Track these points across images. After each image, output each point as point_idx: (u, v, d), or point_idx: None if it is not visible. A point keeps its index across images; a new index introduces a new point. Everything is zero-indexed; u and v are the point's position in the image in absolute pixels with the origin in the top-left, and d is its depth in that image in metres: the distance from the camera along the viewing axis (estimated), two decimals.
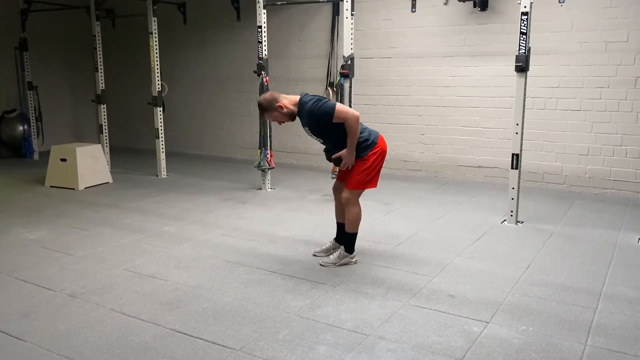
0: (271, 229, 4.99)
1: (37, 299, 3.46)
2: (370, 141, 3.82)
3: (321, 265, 4.00)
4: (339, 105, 3.67)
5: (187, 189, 6.68)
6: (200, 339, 2.94)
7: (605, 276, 3.81)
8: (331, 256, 4.05)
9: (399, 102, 7.36)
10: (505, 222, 5.19)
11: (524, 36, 4.82)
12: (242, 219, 5.31)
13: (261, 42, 6.25)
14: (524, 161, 6.57)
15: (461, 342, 2.89)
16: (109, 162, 7.69)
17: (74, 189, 6.64)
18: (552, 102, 6.41)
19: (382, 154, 3.87)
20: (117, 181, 7.11)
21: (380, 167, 3.91)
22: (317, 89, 7.97)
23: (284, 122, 3.92)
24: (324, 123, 3.70)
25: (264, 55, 6.28)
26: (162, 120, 7.38)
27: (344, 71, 5.74)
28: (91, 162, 6.86)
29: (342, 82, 5.77)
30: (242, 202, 6.04)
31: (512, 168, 5.10)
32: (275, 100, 3.79)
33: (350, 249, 4.03)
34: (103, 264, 4.09)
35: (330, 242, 4.26)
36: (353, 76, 5.80)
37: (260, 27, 6.23)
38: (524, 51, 4.84)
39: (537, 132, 6.55)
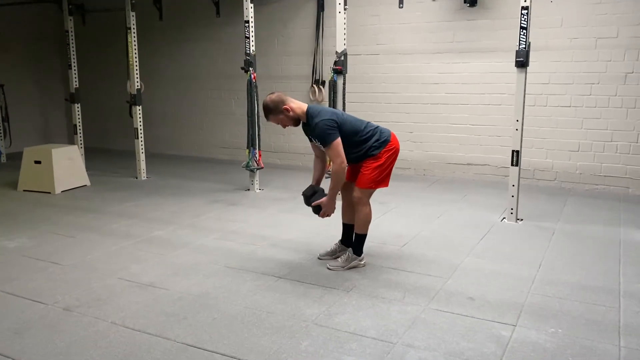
0: (269, 231, 4.78)
1: (28, 314, 3.17)
2: (382, 139, 3.67)
3: (329, 269, 3.82)
4: (336, 144, 3.50)
5: (171, 191, 6.39)
6: (217, 352, 2.72)
7: (619, 274, 3.75)
8: (339, 259, 3.87)
9: (387, 100, 7.24)
10: (505, 220, 5.11)
11: (524, 31, 4.75)
12: (235, 222, 5.08)
13: (248, 38, 6.03)
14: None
15: (493, 348, 2.76)
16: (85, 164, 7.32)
17: (50, 192, 6.27)
18: (543, 99, 6.39)
19: (396, 152, 3.72)
20: (95, 184, 6.76)
21: (393, 166, 3.75)
22: (303, 87, 7.79)
23: (287, 126, 3.72)
24: (322, 144, 3.58)
25: (251, 51, 6.05)
26: (141, 120, 7.06)
27: (337, 67, 5.57)
28: (67, 164, 6.50)
29: (335, 78, 5.61)
30: (232, 204, 5.80)
31: (512, 165, 5.02)
32: (282, 102, 3.59)
33: (359, 251, 3.86)
34: (95, 273, 3.81)
35: (335, 244, 4.08)
36: (346, 72, 5.64)
37: (247, 21, 6.00)
38: (524, 46, 4.76)
39: (527, 129, 6.46)
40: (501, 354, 2.70)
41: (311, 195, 3.76)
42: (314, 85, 7.63)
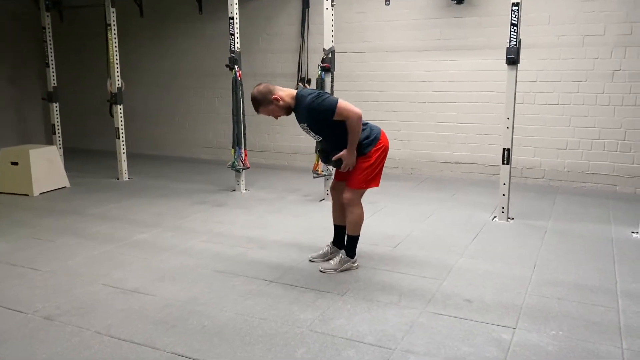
0: (257, 233, 4.65)
1: (7, 324, 3.00)
2: (372, 137, 3.56)
3: (321, 271, 3.71)
4: (341, 102, 3.38)
5: (154, 193, 6.22)
6: None
7: (614, 273, 3.70)
8: (331, 261, 3.76)
9: (373, 98, 7.15)
10: (496, 219, 5.06)
11: (515, 27, 4.69)
12: (222, 224, 4.94)
13: (233, 34, 5.89)
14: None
15: (495, 352, 2.68)
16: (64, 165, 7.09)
17: (27, 195, 6.06)
18: (530, 97, 6.36)
19: (385, 150, 3.62)
20: (75, 185, 6.56)
21: (383, 164, 3.66)
22: (288, 85, 7.57)
23: (279, 116, 3.60)
24: (324, 119, 3.41)
25: (236, 48, 5.91)
26: (122, 119, 6.86)
27: (324, 65, 5.47)
28: (46, 166, 6.28)
29: (322, 76, 5.49)
30: (218, 205, 5.66)
31: (503, 163, 4.96)
32: (270, 92, 3.47)
33: (351, 253, 3.76)
34: (77, 279, 3.64)
35: (327, 246, 3.98)
36: (334, 70, 5.53)
37: (232, 18, 5.86)
38: (515, 43, 4.71)
39: (515, 127, 6.40)
40: (503, 358, 2.62)
41: (329, 151, 3.62)
42: (300, 83, 7.50)
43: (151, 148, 8.95)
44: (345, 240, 3.87)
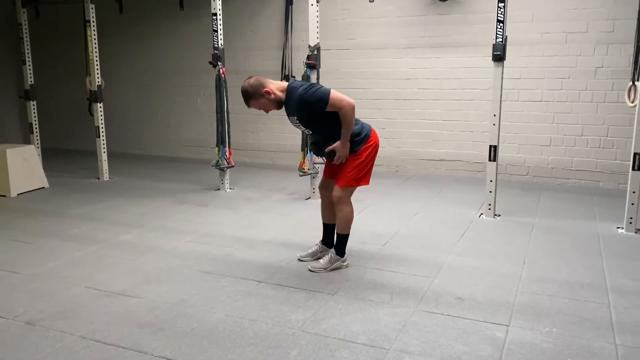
0: (244, 233, 4.57)
1: None
2: (363, 135, 3.52)
3: (311, 270, 3.66)
4: (334, 92, 3.33)
5: (136, 193, 6.10)
6: None
7: (603, 269, 3.72)
8: (321, 260, 3.71)
9: (358, 95, 7.08)
10: (482, 215, 5.06)
11: (501, 24, 4.68)
12: (208, 224, 4.85)
13: (217, 31, 5.80)
14: (486, 153, 6.51)
15: (490, 350, 2.65)
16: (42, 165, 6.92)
17: (5, 195, 5.89)
18: (514, 94, 6.38)
19: (376, 148, 3.58)
20: (54, 186, 6.40)
21: (373, 162, 3.61)
22: None
23: (270, 110, 3.54)
24: (316, 111, 3.36)
25: (220, 45, 5.82)
26: (102, 118, 6.72)
27: (310, 62, 5.40)
28: (23, 165, 6.11)
29: (308, 73, 5.43)
30: (203, 204, 5.56)
31: (489, 160, 4.96)
32: (262, 85, 3.40)
33: (341, 251, 3.71)
34: (59, 282, 3.53)
35: (316, 245, 3.92)
36: (320, 67, 5.48)
37: (215, 14, 5.77)
38: (501, 40, 4.70)
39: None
40: (498, 357, 2.59)
41: (321, 143, 3.56)
42: (283, 81, 7.41)
43: (132, 147, 8.80)
44: (334, 238, 3.82)
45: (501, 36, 4.71)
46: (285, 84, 3.47)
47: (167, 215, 5.13)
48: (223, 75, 5.86)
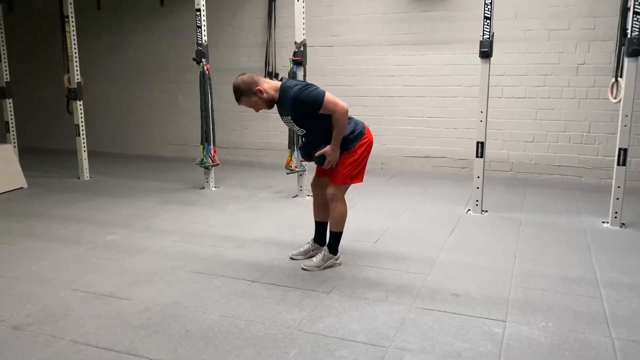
0: (233, 232, 4.51)
1: None
2: (357, 132, 3.49)
3: (304, 269, 3.62)
4: (328, 95, 3.30)
5: (119, 192, 5.98)
6: None
7: (592, 263, 3.76)
8: (314, 259, 3.67)
9: (342, 93, 7.02)
10: (470, 211, 5.08)
11: (488, 21, 4.70)
12: (195, 223, 4.78)
13: (200, 27, 5.71)
14: (471, 149, 6.55)
15: (489, 346, 2.65)
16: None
17: None
18: (498, 90, 6.42)
19: (370, 145, 3.56)
20: (33, 186, 6.24)
21: (367, 160, 3.59)
22: None
23: (261, 109, 3.48)
24: (310, 112, 3.32)
25: (203, 42, 5.73)
26: (82, 116, 6.57)
27: (296, 58, 5.36)
28: (1, 165, 5.95)
29: (294, 69, 5.39)
30: (188, 203, 5.48)
31: (477, 157, 4.99)
32: (255, 83, 3.35)
33: (334, 249, 3.68)
34: (45, 284, 3.43)
35: (308, 243, 3.88)
36: (306, 63, 5.44)
37: (198, 10, 5.68)
38: (488, 36, 4.72)
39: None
40: (498, 353, 2.59)
41: (313, 145, 3.51)
42: (267, 78, 7.35)
43: (111, 146, 8.64)
44: (326, 236, 3.80)
45: (488, 33, 4.73)
46: (278, 83, 3.41)
47: (153, 215, 5.04)
48: (207, 72, 5.77)
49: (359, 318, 2.95)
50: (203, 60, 5.72)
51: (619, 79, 4.95)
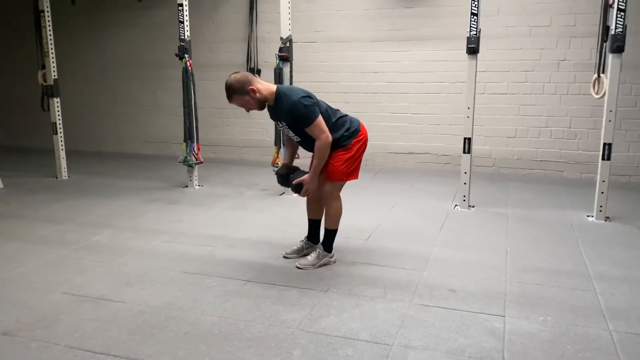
0: (221, 231, 4.44)
1: None
2: (353, 129, 3.48)
3: (298, 268, 3.58)
4: (320, 120, 3.27)
5: (100, 191, 5.83)
6: None
7: (583, 256, 3.81)
8: (309, 257, 3.63)
9: (325, 89, 7.01)
10: (457, 207, 5.11)
11: (475, 17, 4.73)
12: (182, 222, 4.69)
13: (182, 22, 5.59)
14: (454, 145, 6.62)
15: (491, 342, 2.65)
16: None
17: None
18: (481, 86, 6.40)
19: (366, 142, 3.55)
20: (10, 186, 6.04)
21: (362, 157, 3.57)
22: None
23: (251, 110, 3.42)
24: (302, 125, 3.30)
25: (186, 37, 5.62)
26: (60, 113, 6.39)
27: (282, 54, 5.30)
28: None
29: (281, 65, 5.33)
30: (172, 202, 5.38)
31: (464, 152, 5.01)
32: (249, 82, 3.28)
33: (329, 247, 3.65)
34: (33, 288, 3.31)
35: (301, 241, 3.84)
36: (292, 59, 5.38)
37: (181, 5, 5.57)
38: (475, 32, 4.74)
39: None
40: (501, 348, 2.60)
41: (287, 174, 3.50)
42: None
43: (88, 144, 8.44)
44: (319, 234, 3.77)
45: (475, 29, 4.75)
46: (273, 86, 3.36)
47: (138, 215, 4.93)
48: (190, 68, 5.67)
49: (360, 316, 2.93)
50: (186, 56, 5.61)
51: (601, 74, 5.03)
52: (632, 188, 5.88)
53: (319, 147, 3.29)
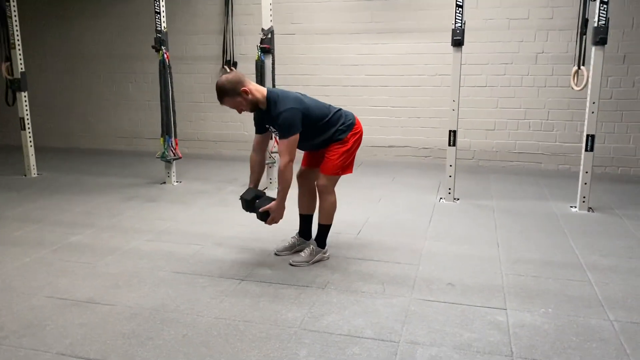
0: (206, 228, 4.31)
1: None
2: (348, 123, 3.42)
3: (292, 265, 3.49)
4: (292, 139, 3.16)
5: (73, 189, 5.61)
6: None
7: (572, 247, 3.84)
8: (302, 254, 3.55)
9: (304, 82, 6.95)
10: (442, 200, 5.11)
11: (460, 9, 4.71)
12: (163, 220, 4.54)
13: (159, 13, 5.42)
14: (434, 138, 6.63)
15: (497, 335, 2.63)
16: None
17: None
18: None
19: (361, 136, 3.50)
20: None
21: (357, 151, 3.51)
22: (212, 68, 7.26)
23: (243, 111, 3.30)
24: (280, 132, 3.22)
25: (162, 28, 5.44)
26: (28, 108, 6.11)
27: (264, 46, 5.18)
28: None
29: (262, 57, 5.21)
30: (151, 199, 5.21)
31: (449, 145, 5.01)
32: (241, 83, 3.16)
33: (323, 243, 3.58)
34: (13, 292, 3.13)
35: (292, 237, 3.75)
36: (274, 51, 5.27)
37: None
38: (460, 25, 4.73)
39: (445, 109, 6.59)
40: (508, 341, 2.58)
41: (252, 200, 3.34)
42: (225, 67, 7.12)
43: (58, 140, 8.13)
44: (311, 230, 3.70)
45: (460, 21, 4.73)
46: (263, 89, 3.25)
47: (116, 213, 4.75)
48: (167, 60, 5.49)
49: (362, 313, 2.86)
50: (163, 48, 5.43)
51: (581, 67, 5.09)
52: (608, 179, 6.00)
53: (281, 172, 3.18)
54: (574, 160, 6.36)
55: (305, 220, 3.70)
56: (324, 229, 3.55)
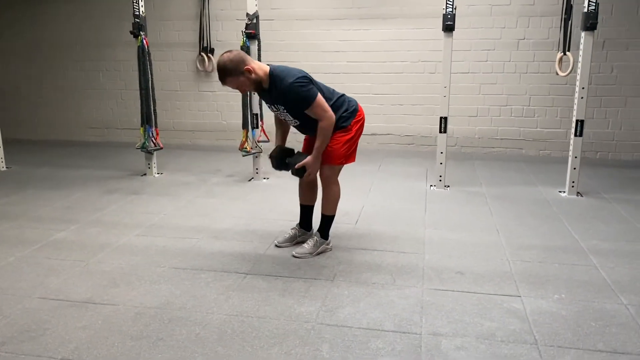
0: (198, 221, 4.15)
1: None
2: (351, 109, 3.31)
3: (295, 257, 3.39)
4: (320, 98, 3.07)
5: (48, 183, 5.33)
6: None
7: (570, 232, 3.86)
8: (305, 245, 3.44)
9: None
10: (433, 187, 5.09)
11: None
12: (150, 214, 4.35)
13: None
14: (417, 126, 6.61)
15: (517, 323, 2.60)
16: None
17: None
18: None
19: (364, 123, 3.40)
20: None
21: (359, 138, 3.42)
22: (188, 56, 7.02)
23: (247, 91, 3.16)
24: (302, 107, 3.08)
25: (141, 13, 5.19)
26: None
27: (249, 31, 5.01)
28: None
29: (247, 43, 5.04)
30: (134, 192, 5.00)
31: (440, 132, 4.97)
32: (243, 61, 3.01)
33: (326, 234, 3.48)
34: (2, 295, 2.92)
35: (293, 229, 3.64)
36: (259, 36, 5.10)
37: None
38: (451, 9, 4.67)
39: (428, 97, 6.58)
40: (529, 329, 2.55)
41: (283, 157, 3.27)
42: (202, 54, 6.89)
43: (24, 132, 7.75)
44: (311, 221, 3.60)
45: (451, 6, 4.68)
46: (265, 66, 3.10)
47: (99, 207, 4.53)
48: (147, 47, 5.25)
49: (377, 305, 2.79)
50: (142, 33, 5.19)
51: (567, 52, 5.12)
52: (588, 164, 6.09)
53: (324, 127, 3.09)
54: (554, 146, 6.45)
55: (306, 211, 3.60)
56: (328, 219, 3.45)
